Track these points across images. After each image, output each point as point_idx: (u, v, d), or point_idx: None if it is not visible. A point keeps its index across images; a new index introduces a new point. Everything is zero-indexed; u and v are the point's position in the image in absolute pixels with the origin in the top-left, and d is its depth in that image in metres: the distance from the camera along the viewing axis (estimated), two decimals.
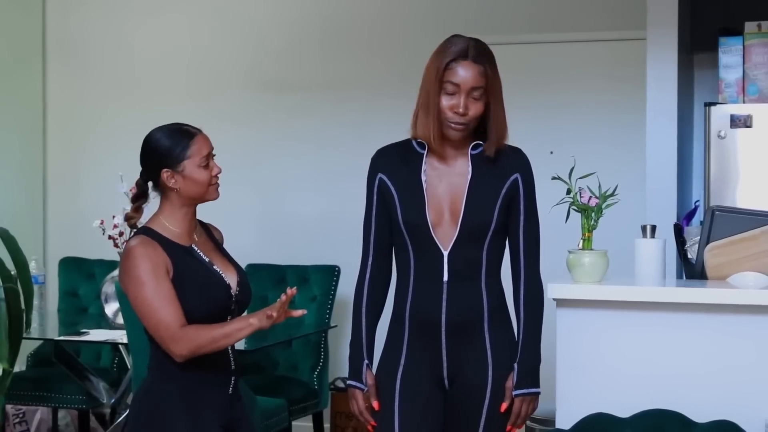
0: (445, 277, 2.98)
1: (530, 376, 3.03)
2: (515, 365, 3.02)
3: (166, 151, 2.97)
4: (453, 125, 2.95)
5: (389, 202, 3.03)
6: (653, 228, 3.34)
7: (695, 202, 4.98)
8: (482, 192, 2.99)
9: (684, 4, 4.91)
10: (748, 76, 4.72)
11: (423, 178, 3.00)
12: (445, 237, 2.98)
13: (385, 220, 3.05)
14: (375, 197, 3.06)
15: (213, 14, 6.34)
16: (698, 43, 5.21)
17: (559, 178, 3.26)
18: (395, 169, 3.04)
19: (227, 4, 6.32)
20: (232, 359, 3.05)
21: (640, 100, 4.99)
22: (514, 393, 3.00)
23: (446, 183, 3.01)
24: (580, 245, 3.22)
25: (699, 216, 4.57)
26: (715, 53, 4.78)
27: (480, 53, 2.96)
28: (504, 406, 3.01)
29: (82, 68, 6.58)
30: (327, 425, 5.64)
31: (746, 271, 3.23)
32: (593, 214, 3.21)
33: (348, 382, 3.08)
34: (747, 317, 3.06)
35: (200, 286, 2.96)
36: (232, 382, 3.05)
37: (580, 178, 3.23)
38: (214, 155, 3.04)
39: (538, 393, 3.05)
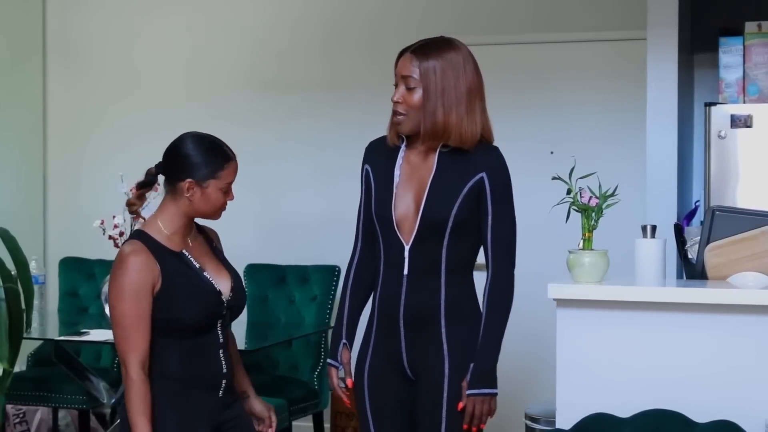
0: (406, 271, 3.05)
1: (485, 376, 3.03)
2: (471, 365, 3.03)
3: (200, 163, 2.96)
4: (394, 118, 3.05)
5: (370, 191, 3.14)
6: (653, 228, 3.34)
7: (695, 202, 4.97)
8: (443, 189, 3.03)
9: (684, 4, 4.91)
10: (748, 76, 4.72)
11: (396, 172, 3.08)
12: (408, 231, 3.06)
13: (370, 209, 3.15)
14: (363, 187, 3.17)
15: (213, 14, 6.34)
16: (698, 43, 5.20)
17: (559, 178, 3.26)
18: (378, 161, 3.14)
19: (227, 4, 6.32)
20: (223, 362, 3.05)
21: (641, 100, 4.99)
22: (467, 393, 3.02)
23: (416, 178, 3.08)
24: (581, 245, 3.22)
25: (699, 216, 4.57)
26: (716, 53, 4.78)
27: (424, 47, 3.03)
28: (460, 405, 3.03)
29: (82, 68, 6.58)
30: (327, 425, 5.64)
31: (746, 271, 3.23)
32: (593, 214, 3.21)
33: (327, 360, 3.22)
34: (747, 317, 3.06)
35: (189, 293, 2.97)
36: (223, 384, 3.05)
37: (581, 178, 3.24)
38: None
39: (494, 394, 3.05)
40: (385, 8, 6.01)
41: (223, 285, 3.05)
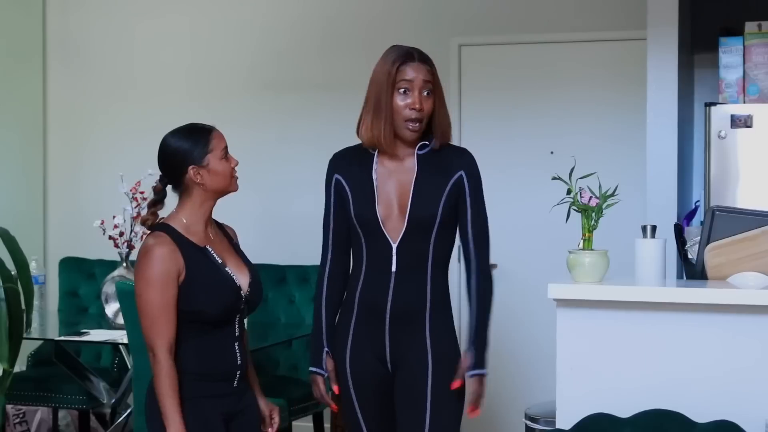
0: (394, 268, 3.15)
1: (483, 358, 3.19)
2: (472, 348, 3.17)
3: (189, 148, 3.05)
4: (410, 124, 3.14)
5: (345, 199, 3.22)
6: (653, 228, 3.34)
7: (695, 202, 4.98)
8: (428, 188, 3.16)
9: (684, 4, 4.91)
10: (748, 76, 4.71)
11: (374, 176, 3.18)
12: (395, 230, 3.16)
13: (342, 218, 3.24)
14: (333, 197, 3.25)
15: (214, 14, 6.34)
16: (698, 43, 5.21)
17: (559, 178, 3.27)
18: (349, 169, 3.23)
19: (228, 4, 6.31)
20: (238, 354, 3.12)
21: (641, 100, 4.99)
22: (470, 374, 3.17)
23: (395, 180, 3.19)
24: (581, 245, 3.22)
25: (699, 216, 4.57)
26: (716, 53, 4.78)
27: (424, 56, 3.19)
28: (458, 383, 3.16)
29: (82, 68, 6.58)
30: (327, 425, 5.64)
31: (746, 271, 3.23)
32: (593, 214, 3.22)
33: (310, 368, 3.28)
34: (747, 317, 3.06)
35: (210, 287, 3.04)
36: (238, 375, 3.12)
37: (581, 178, 3.24)
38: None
39: (486, 374, 3.22)
40: (385, 9, 6.01)
41: (243, 280, 3.14)
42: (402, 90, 3.12)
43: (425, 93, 3.13)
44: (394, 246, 3.14)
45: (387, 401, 3.20)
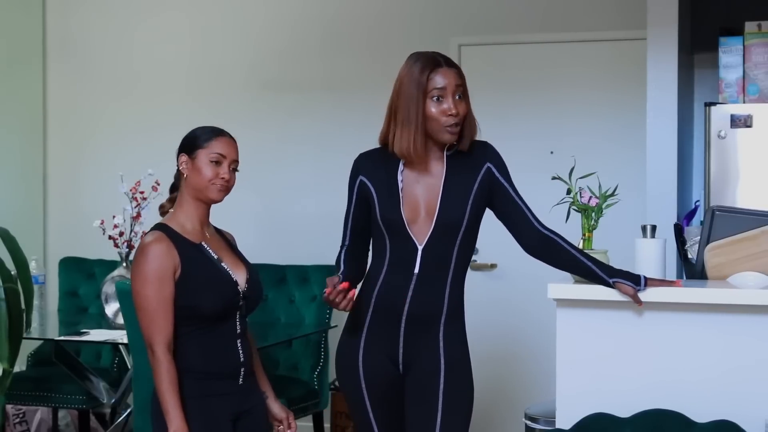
0: (417, 270, 3.14)
1: (631, 276, 3.11)
2: (618, 280, 3.07)
3: (190, 138, 3.14)
4: (449, 129, 3.11)
5: (369, 200, 3.21)
6: (653, 228, 3.34)
7: (695, 202, 4.98)
8: (456, 189, 3.15)
9: (684, 4, 4.91)
10: (748, 75, 4.72)
11: (399, 178, 3.17)
12: (421, 232, 3.15)
13: (361, 216, 3.24)
14: (355, 197, 3.25)
15: (214, 14, 6.34)
16: (698, 43, 5.21)
17: (559, 178, 3.27)
18: (375, 171, 3.22)
19: (228, 3, 6.32)
20: (241, 352, 3.15)
21: (641, 100, 4.99)
22: (639, 290, 3.08)
23: (423, 184, 3.17)
24: (581, 245, 3.22)
25: (699, 216, 4.58)
26: (716, 53, 4.78)
27: (449, 60, 3.18)
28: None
29: (82, 68, 6.58)
30: (327, 425, 5.64)
31: (746, 271, 3.23)
32: (593, 214, 3.22)
33: (327, 280, 3.10)
34: (747, 317, 3.07)
35: (207, 281, 3.08)
36: (242, 372, 3.15)
37: (581, 178, 3.25)
38: (238, 170, 3.15)
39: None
40: (386, 8, 6.02)
41: (240, 277, 3.17)
42: (435, 98, 3.09)
43: (458, 96, 3.11)
44: (420, 248, 3.13)
45: (398, 401, 3.20)
